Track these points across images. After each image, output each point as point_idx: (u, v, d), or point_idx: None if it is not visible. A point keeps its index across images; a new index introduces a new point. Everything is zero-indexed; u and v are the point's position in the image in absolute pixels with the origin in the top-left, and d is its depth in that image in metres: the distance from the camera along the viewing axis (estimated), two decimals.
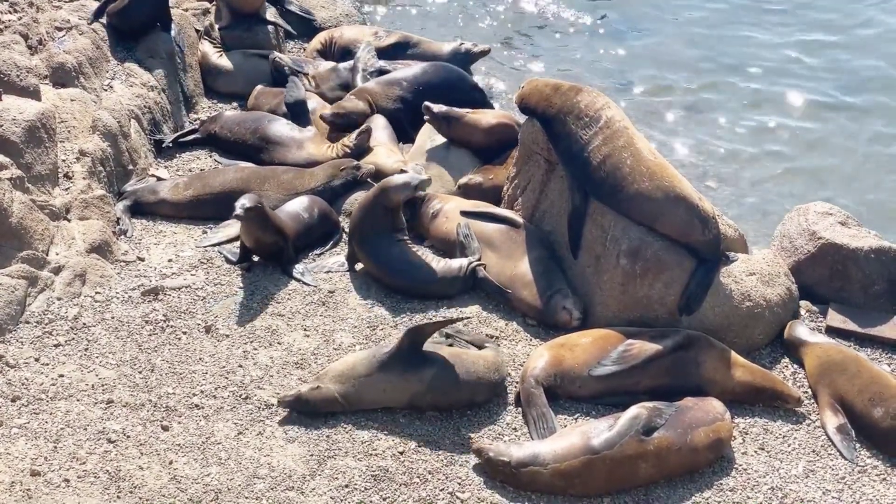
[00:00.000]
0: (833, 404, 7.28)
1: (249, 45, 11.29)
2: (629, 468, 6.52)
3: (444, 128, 9.51)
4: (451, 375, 6.98)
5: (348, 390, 6.90)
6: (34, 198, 7.98)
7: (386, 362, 6.94)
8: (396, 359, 6.94)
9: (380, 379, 6.91)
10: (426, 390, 6.94)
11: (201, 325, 7.63)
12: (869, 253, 8.05)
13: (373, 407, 6.96)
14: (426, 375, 6.95)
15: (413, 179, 8.19)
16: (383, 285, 8.14)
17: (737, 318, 7.70)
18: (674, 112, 11.99)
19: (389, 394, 6.94)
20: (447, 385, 6.97)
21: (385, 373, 6.92)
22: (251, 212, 7.89)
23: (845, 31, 13.87)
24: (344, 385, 6.91)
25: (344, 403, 6.90)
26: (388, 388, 6.93)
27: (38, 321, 7.47)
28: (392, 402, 6.98)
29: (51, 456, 6.41)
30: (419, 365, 6.95)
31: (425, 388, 6.93)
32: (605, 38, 13.59)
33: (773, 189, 10.76)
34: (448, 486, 6.49)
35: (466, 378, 7.01)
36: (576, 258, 7.99)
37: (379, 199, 8.16)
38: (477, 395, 7.09)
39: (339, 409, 6.91)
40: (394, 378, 6.92)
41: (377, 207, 8.16)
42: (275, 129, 9.82)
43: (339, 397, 6.88)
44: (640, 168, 7.65)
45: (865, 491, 6.75)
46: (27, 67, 8.73)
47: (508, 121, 9.60)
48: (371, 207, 8.18)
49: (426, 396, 6.96)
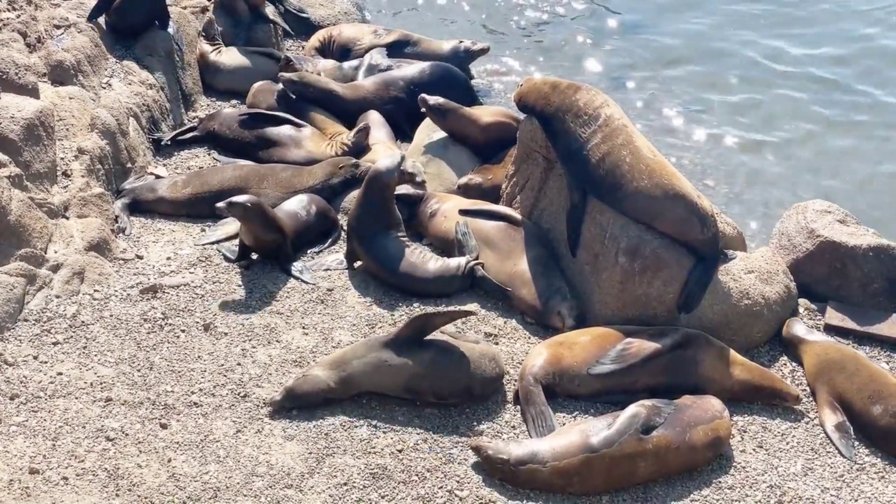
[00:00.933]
0: (832, 402, 7.28)
1: (250, 42, 11.29)
2: (628, 466, 6.52)
3: (440, 120, 9.54)
4: (450, 360, 7.00)
5: (340, 375, 6.90)
6: (33, 196, 7.97)
7: (385, 343, 6.98)
8: (396, 343, 6.98)
9: (376, 359, 6.92)
10: (424, 373, 6.94)
11: (200, 322, 7.63)
12: (868, 251, 8.05)
13: (368, 390, 6.96)
14: (425, 358, 6.95)
15: (395, 157, 8.25)
16: (382, 283, 8.14)
17: (735, 317, 7.70)
18: (672, 110, 11.98)
19: (386, 376, 6.94)
20: (445, 369, 6.98)
21: (382, 353, 6.93)
22: (235, 207, 7.91)
23: (845, 33, 13.86)
24: (335, 370, 6.91)
25: (337, 388, 6.89)
26: (385, 368, 6.93)
27: (36, 319, 7.46)
28: (388, 385, 6.97)
29: (49, 454, 6.40)
30: (417, 348, 6.97)
31: (423, 371, 6.94)
32: (603, 36, 13.58)
33: (772, 187, 10.75)
34: (447, 484, 6.49)
35: (464, 363, 7.01)
36: (574, 256, 7.99)
37: (372, 187, 8.18)
38: (474, 382, 7.07)
39: (332, 395, 6.90)
40: (391, 359, 6.93)
41: (372, 197, 8.18)
42: (273, 128, 9.81)
43: (331, 383, 6.87)
44: (639, 166, 7.66)
45: (864, 489, 6.75)
46: (25, 65, 8.72)
47: (506, 118, 9.61)
48: (366, 199, 8.20)
49: (424, 380, 6.96)
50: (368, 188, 8.20)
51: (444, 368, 6.99)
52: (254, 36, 11.40)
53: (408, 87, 10.34)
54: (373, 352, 6.97)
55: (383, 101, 10.23)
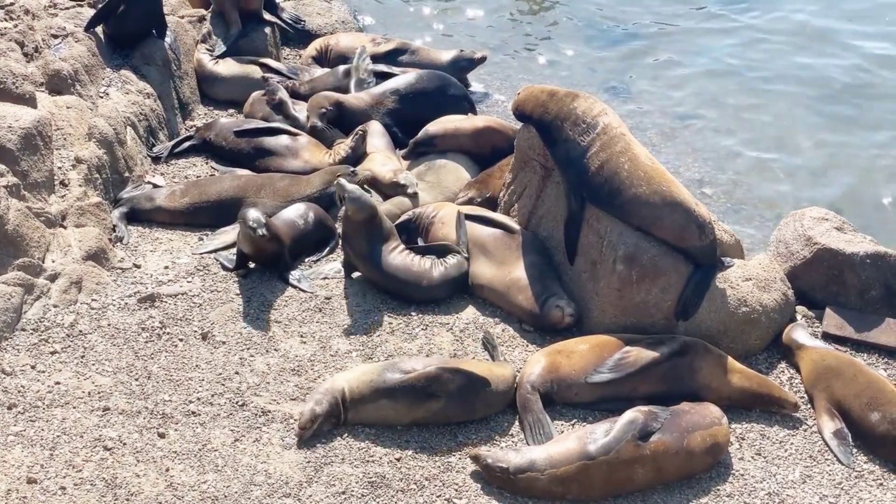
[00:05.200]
0: (830, 409, 7.28)
1: (246, 51, 11.29)
2: (626, 473, 6.53)
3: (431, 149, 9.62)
4: (459, 406, 6.98)
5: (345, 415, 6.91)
6: (30, 205, 7.97)
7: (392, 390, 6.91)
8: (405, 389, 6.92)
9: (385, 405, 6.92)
10: (430, 418, 6.97)
11: (198, 331, 7.63)
12: (865, 258, 8.06)
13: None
14: (432, 407, 6.95)
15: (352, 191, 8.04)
16: (380, 291, 8.13)
17: (733, 324, 7.71)
18: (670, 119, 11.99)
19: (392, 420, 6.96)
20: (454, 413, 7.00)
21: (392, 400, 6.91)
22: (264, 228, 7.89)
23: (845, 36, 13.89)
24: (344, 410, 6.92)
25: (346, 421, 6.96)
26: (391, 416, 6.94)
27: (34, 328, 7.46)
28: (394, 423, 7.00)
29: (47, 463, 6.40)
30: (426, 397, 6.93)
31: (430, 417, 6.96)
32: (601, 44, 13.59)
33: (770, 194, 10.76)
34: (445, 493, 6.49)
35: (472, 403, 7.02)
36: (572, 264, 7.99)
37: (346, 222, 8.17)
38: (480, 413, 7.11)
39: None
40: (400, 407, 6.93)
41: (348, 227, 8.17)
42: (270, 138, 9.82)
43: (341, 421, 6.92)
44: (638, 173, 7.66)
45: (862, 496, 6.75)
46: (23, 75, 8.73)
47: (496, 125, 9.69)
48: (345, 230, 8.21)
49: (430, 419, 6.98)
50: (345, 223, 8.18)
51: (454, 416, 7.00)
52: (251, 43, 11.39)
53: (404, 96, 10.34)
54: (382, 398, 6.91)
55: (380, 112, 10.22)
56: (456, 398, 6.92)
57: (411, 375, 6.91)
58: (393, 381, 6.89)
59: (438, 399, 6.90)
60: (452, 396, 6.92)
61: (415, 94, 10.35)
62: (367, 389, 6.88)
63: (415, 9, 14.27)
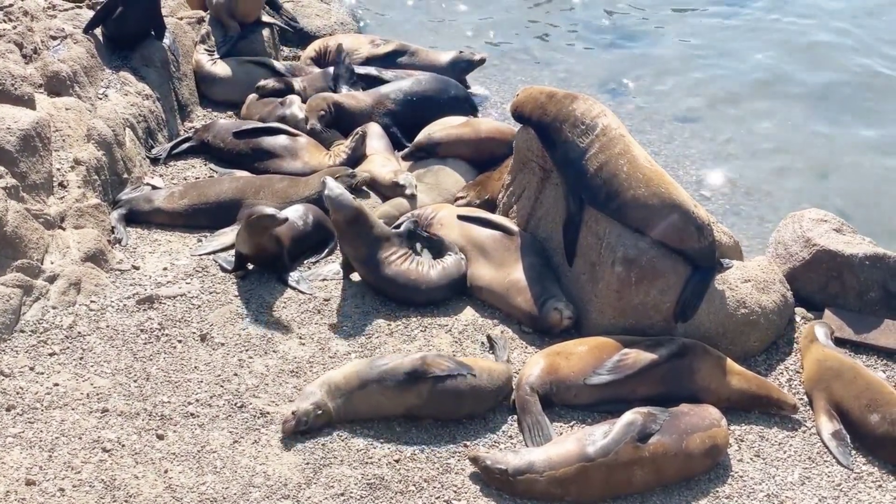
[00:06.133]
0: (829, 410, 7.28)
1: (245, 52, 11.30)
2: (625, 474, 6.53)
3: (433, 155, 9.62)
4: (450, 396, 6.97)
5: (337, 404, 6.90)
6: (29, 206, 7.97)
7: (382, 377, 6.93)
8: (394, 375, 6.93)
9: (374, 390, 6.91)
10: (423, 405, 6.95)
11: (196, 333, 7.62)
12: (864, 260, 8.06)
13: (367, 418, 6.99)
14: (423, 391, 6.94)
15: (332, 189, 8.05)
16: (378, 293, 8.13)
17: (732, 325, 7.71)
18: (669, 120, 11.99)
19: (384, 409, 6.96)
20: (445, 403, 6.98)
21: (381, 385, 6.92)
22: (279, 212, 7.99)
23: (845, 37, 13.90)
24: (335, 400, 6.90)
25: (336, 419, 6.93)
26: (383, 404, 6.94)
27: (32, 330, 7.45)
28: (387, 413, 6.98)
29: (46, 465, 6.39)
30: (416, 381, 6.94)
31: (422, 403, 6.95)
32: (601, 46, 13.59)
33: (768, 196, 10.76)
34: (444, 495, 6.48)
35: (466, 396, 7.02)
36: (571, 265, 8.00)
37: (333, 223, 8.19)
38: (477, 410, 7.11)
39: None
40: (389, 392, 6.92)
41: (335, 228, 8.18)
42: (269, 139, 9.82)
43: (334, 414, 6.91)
44: (637, 175, 7.66)
45: (861, 498, 6.75)
46: (22, 76, 8.72)
47: (499, 135, 9.67)
48: (337, 232, 8.21)
49: (423, 410, 6.97)
50: (334, 223, 8.19)
51: (444, 402, 6.99)
52: (250, 45, 11.38)
53: (405, 98, 10.34)
54: (370, 385, 6.93)
55: (379, 113, 10.22)
56: (444, 380, 6.92)
57: (398, 360, 6.98)
58: (380, 367, 6.94)
59: (426, 381, 6.90)
60: (440, 379, 6.92)
61: (416, 96, 10.34)
62: (356, 379, 6.91)
63: (415, 9, 14.25)
